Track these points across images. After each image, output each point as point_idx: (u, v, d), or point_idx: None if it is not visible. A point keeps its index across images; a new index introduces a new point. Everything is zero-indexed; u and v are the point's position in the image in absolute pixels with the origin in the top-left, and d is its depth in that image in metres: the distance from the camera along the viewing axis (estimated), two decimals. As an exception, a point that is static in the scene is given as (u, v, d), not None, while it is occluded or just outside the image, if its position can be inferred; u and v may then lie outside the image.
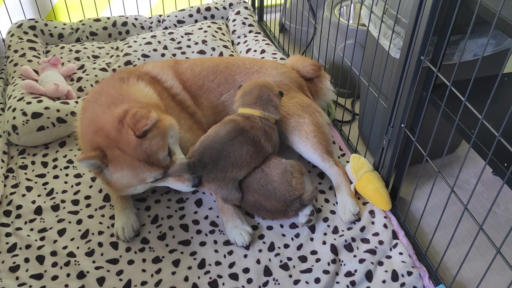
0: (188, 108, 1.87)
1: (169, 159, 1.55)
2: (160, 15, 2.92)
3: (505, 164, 1.20)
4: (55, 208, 1.73)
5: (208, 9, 2.92)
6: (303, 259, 1.56)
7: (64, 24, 2.73)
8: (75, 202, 1.75)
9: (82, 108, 1.69)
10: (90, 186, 1.82)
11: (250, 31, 2.78)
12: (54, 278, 1.48)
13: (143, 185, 1.56)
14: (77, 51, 2.54)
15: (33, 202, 1.74)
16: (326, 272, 1.50)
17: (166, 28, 2.85)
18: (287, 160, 1.70)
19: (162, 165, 1.52)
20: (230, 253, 1.58)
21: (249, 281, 1.49)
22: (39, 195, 1.78)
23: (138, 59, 2.42)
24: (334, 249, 1.57)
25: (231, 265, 1.54)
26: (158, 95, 1.76)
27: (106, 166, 1.51)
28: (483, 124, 1.16)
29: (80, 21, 2.76)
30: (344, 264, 1.54)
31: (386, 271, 1.51)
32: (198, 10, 2.90)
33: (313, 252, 1.58)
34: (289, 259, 1.56)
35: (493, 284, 1.56)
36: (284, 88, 1.93)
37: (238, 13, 2.90)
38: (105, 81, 1.78)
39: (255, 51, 2.56)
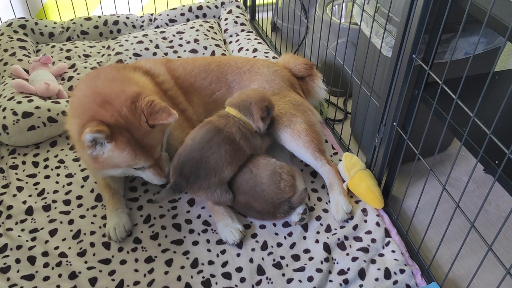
0: (179, 105, 1.86)
1: (160, 152, 1.59)
2: (151, 14, 2.90)
3: (497, 162, 1.21)
4: (47, 208, 1.71)
5: (200, 8, 2.91)
6: (296, 257, 1.56)
7: (55, 23, 2.71)
8: (67, 202, 1.74)
9: (76, 86, 1.68)
10: (82, 186, 1.81)
11: (242, 30, 2.78)
12: (46, 278, 1.47)
13: (125, 169, 1.57)
14: (68, 50, 2.52)
15: (24, 202, 1.73)
16: (319, 270, 1.50)
17: (157, 27, 2.83)
18: (276, 161, 1.69)
19: (155, 157, 1.56)
20: (223, 252, 1.58)
21: (242, 280, 1.49)
22: (30, 195, 1.76)
23: (130, 58, 2.40)
24: (327, 248, 1.58)
25: (224, 264, 1.54)
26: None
27: (108, 142, 1.45)
28: (475, 122, 1.17)
29: (71, 20, 2.74)
30: (337, 263, 1.55)
31: (378, 269, 1.51)
32: (190, 9, 2.89)
33: (306, 251, 1.58)
34: (282, 257, 1.56)
35: (484, 281, 1.57)
36: (276, 87, 1.93)
37: (230, 12, 2.89)
38: (101, 68, 1.77)
39: (247, 50, 2.55)
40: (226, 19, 2.86)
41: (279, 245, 1.60)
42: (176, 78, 1.91)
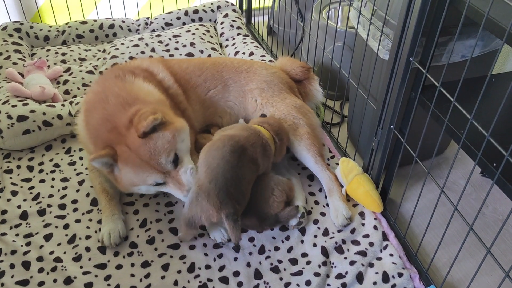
0: (180, 104, 1.84)
1: (171, 165, 1.51)
2: (147, 18, 2.90)
3: (494, 164, 1.21)
4: (41, 212, 1.69)
5: (196, 11, 2.91)
6: (293, 261, 1.55)
7: (50, 27, 2.70)
8: (62, 207, 1.72)
9: (86, 110, 1.65)
10: (77, 190, 1.79)
11: (238, 34, 2.77)
12: (41, 284, 1.45)
13: (147, 186, 1.54)
14: (63, 54, 2.51)
15: (19, 207, 1.71)
16: (317, 274, 1.49)
17: (153, 30, 2.83)
18: (275, 175, 1.67)
19: (163, 171, 1.50)
20: (220, 256, 1.57)
21: (240, 284, 1.48)
22: (24, 200, 1.74)
23: (126, 61, 2.39)
24: (324, 251, 1.57)
25: (221, 269, 1.53)
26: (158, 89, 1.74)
27: (115, 162, 1.50)
28: (472, 124, 1.17)
29: (66, 23, 2.73)
30: (335, 266, 1.54)
31: (376, 273, 1.51)
32: (186, 13, 2.89)
33: (304, 255, 1.58)
34: (280, 261, 1.55)
35: (483, 284, 1.56)
36: (276, 89, 1.93)
37: (226, 15, 2.89)
38: (104, 80, 1.72)
39: (243, 53, 2.55)
40: (222, 22, 2.86)
41: (277, 249, 1.59)
42: (175, 74, 1.90)
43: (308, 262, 1.55)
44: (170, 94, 1.82)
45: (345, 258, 1.56)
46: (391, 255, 1.56)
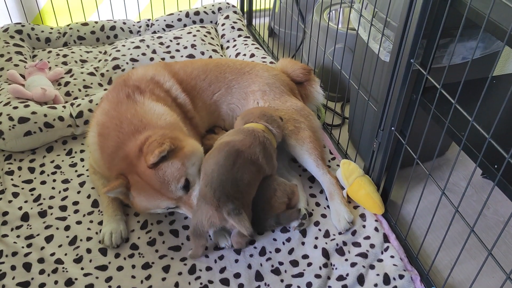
0: (188, 113, 1.83)
1: (182, 191, 1.50)
2: (148, 19, 2.90)
3: (495, 166, 1.21)
4: (42, 214, 1.70)
5: (197, 13, 2.91)
6: (294, 263, 1.55)
7: (51, 28, 2.70)
8: (63, 208, 1.73)
9: (100, 134, 1.64)
10: (78, 192, 1.79)
11: (239, 35, 2.78)
12: (42, 285, 1.45)
13: (161, 209, 1.56)
14: (65, 56, 2.51)
15: (20, 208, 1.71)
16: (317, 276, 1.49)
17: (154, 32, 2.83)
18: (278, 178, 1.67)
19: (174, 197, 1.50)
20: (221, 258, 1.56)
21: (241, 286, 1.48)
22: (26, 201, 1.74)
23: (127, 63, 2.40)
24: (325, 253, 1.57)
25: (222, 270, 1.53)
26: (167, 106, 1.73)
27: (129, 191, 1.52)
28: (473, 126, 1.17)
29: (68, 25, 2.73)
30: (336, 268, 1.54)
31: (377, 275, 1.50)
32: (187, 15, 2.89)
33: (305, 256, 1.57)
34: (281, 263, 1.55)
35: (484, 286, 1.56)
36: (277, 91, 1.93)
37: (227, 17, 2.89)
38: (116, 101, 1.69)
39: (244, 55, 2.55)
40: (223, 24, 2.86)
41: (278, 250, 1.59)
42: (180, 82, 1.89)
43: (309, 264, 1.55)
44: (178, 103, 1.81)
45: (346, 260, 1.56)
46: (392, 257, 1.56)
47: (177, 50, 2.53)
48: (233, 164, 1.50)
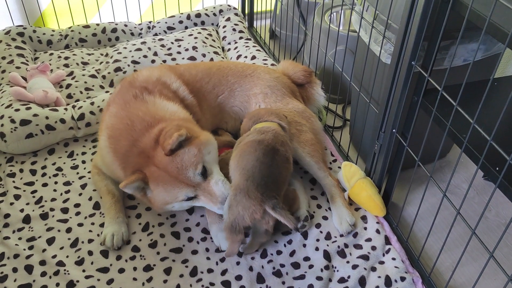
0: (195, 115, 1.82)
1: (200, 178, 1.50)
2: (150, 22, 2.91)
3: (497, 168, 1.21)
4: (44, 216, 1.70)
5: (198, 15, 2.92)
6: (296, 265, 1.55)
7: (53, 31, 2.71)
8: (65, 210, 1.73)
9: (110, 136, 1.62)
10: (80, 194, 1.80)
11: (241, 38, 2.78)
12: (43, 287, 1.46)
13: (179, 203, 1.53)
14: (66, 58, 2.52)
15: (22, 210, 1.71)
16: (319, 278, 1.49)
17: (156, 34, 2.83)
18: None
19: (193, 184, 1.49)
20: (222, 260, 1.56)
21: (242, 288, 1.48)
22: (27, 204, 1.75)
23: (128, 65, 2.40)
24: (327, 255, 1.57)
25: (224, 273, 1.53)
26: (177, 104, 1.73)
27: (147, 185, 1.50)
28: (474, 128, 1.17)
29: (69, 27, 2.74)
30: (337, 270, 1.54)
31: (379, 277, 1.50)
32: (188, 17, 2.90)
33: (306, 259, 1.57)
34: (282, 265, 1.55)
35: (485, 288, 1.56)
36: (279, 94, 1.93)
37: (228, 19, 2.90)
38: (124, 102, 1.69)
39: (245, 57, 2.55)
40: (224, 26, 2.86)
41: (279, 253, 1.59)
42: (186, 84, 1.89)
43: (311, 266, 1.54)
44: (186, 105, 1.81)
45: (348, 262, 1.55)
46: (393, 259, 1.56)
47: (179, 52, 2.53)
48: (272, 160, 1.51)
